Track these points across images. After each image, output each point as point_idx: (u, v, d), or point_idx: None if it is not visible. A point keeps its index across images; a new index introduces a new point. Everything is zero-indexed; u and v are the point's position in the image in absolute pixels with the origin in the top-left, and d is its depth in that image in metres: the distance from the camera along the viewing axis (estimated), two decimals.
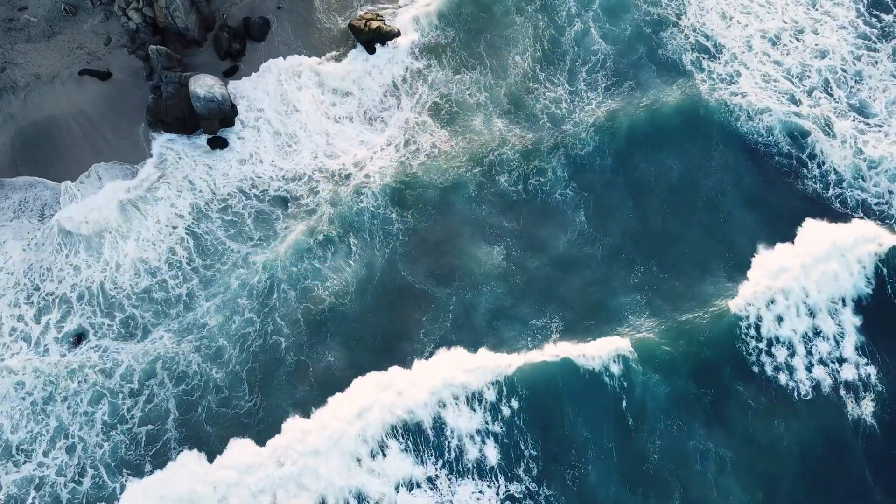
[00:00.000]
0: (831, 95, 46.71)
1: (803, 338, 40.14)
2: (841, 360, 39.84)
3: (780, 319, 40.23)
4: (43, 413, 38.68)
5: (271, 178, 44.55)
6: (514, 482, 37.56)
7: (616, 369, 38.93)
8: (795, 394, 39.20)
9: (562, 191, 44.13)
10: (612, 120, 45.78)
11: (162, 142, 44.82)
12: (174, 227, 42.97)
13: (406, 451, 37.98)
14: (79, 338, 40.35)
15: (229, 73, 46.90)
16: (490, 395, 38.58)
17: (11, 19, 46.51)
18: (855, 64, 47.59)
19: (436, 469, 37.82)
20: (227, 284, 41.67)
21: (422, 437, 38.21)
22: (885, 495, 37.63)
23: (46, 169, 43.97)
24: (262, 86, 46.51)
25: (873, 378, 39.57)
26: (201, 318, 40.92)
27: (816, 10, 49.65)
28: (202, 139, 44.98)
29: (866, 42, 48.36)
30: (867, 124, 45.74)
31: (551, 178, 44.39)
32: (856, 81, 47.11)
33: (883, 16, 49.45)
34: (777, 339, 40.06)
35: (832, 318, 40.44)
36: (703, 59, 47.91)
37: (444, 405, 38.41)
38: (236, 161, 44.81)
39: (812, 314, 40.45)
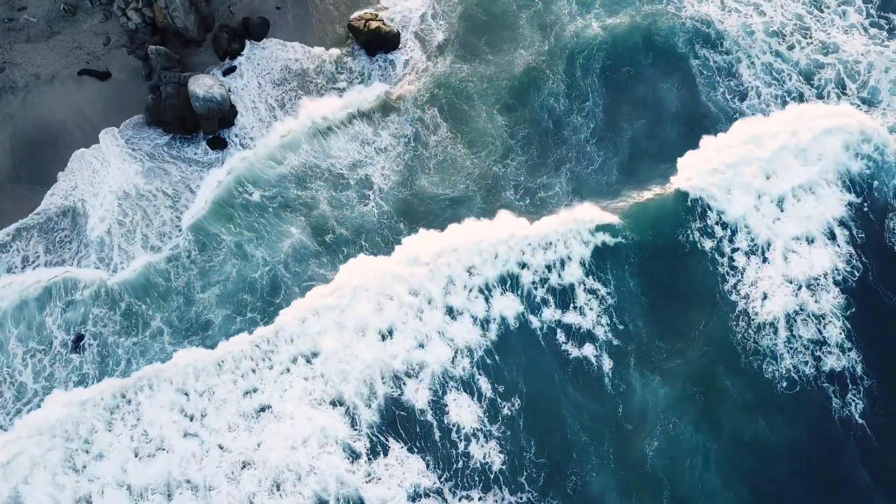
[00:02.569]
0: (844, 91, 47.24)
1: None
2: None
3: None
4: None
5: (262, 180, 44.59)
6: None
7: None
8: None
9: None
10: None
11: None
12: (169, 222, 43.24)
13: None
14: (78, 338, 40.34)
15: (228, 73, 46.86)
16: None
17: (11, 19, 46.50)
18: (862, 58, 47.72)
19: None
20: (226, 273, 41.88)
21: None
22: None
23: (45, 169, 43.96)
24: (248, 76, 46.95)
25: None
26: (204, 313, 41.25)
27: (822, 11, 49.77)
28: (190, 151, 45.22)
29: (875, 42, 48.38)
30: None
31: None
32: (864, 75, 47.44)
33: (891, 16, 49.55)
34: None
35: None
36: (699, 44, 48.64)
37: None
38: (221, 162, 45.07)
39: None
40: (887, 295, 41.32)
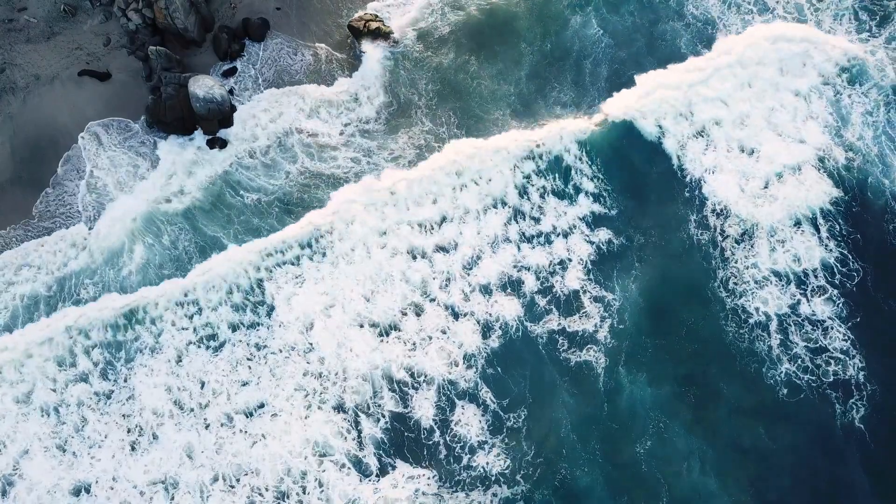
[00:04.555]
0: None
1: None
2: None
3: None
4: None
5: (252, 184, 44.57)
6: None
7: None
8: None
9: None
10: None
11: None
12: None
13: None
14: None
15: (228, 74, 46.92)
16: None
17: (11, 20, 46.60)
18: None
19: None
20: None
21: None
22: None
23: (46, 170, 44.06)
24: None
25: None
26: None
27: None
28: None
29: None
30: None
31: None
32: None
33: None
34: None
35: None
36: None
37: None
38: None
39: None
40: (888, 302, 41.30)
